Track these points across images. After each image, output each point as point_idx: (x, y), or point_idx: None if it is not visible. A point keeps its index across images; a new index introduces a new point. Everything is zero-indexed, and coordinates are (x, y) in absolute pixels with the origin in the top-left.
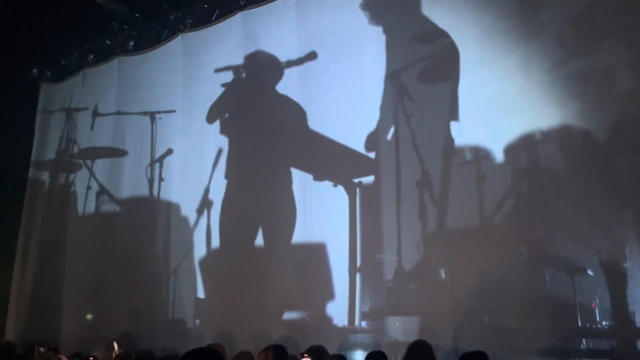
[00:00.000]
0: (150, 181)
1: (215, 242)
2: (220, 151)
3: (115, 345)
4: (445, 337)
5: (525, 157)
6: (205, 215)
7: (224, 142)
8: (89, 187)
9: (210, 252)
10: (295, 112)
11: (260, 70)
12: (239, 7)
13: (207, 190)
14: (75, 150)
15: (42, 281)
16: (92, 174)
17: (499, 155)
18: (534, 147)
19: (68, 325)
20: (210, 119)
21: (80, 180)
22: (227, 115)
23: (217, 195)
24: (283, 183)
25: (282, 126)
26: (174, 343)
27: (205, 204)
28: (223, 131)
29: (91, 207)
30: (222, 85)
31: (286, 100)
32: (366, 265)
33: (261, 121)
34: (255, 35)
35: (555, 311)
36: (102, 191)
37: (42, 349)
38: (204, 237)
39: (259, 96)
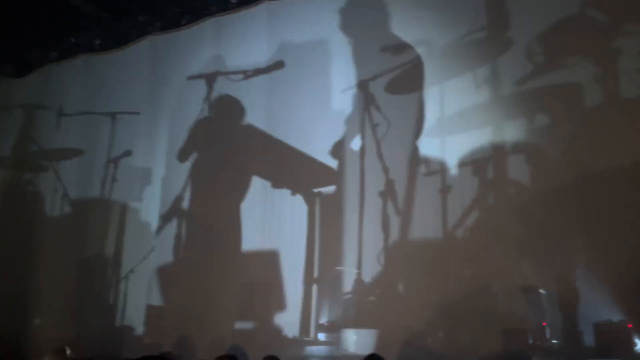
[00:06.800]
0: (104, 183)
1: (177, 250)
2: (196, 160)
3: (68, 350)
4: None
5: (493, 169)
6: (175, 223)
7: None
8: (45, 188)
9: (169, 260)
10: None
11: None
12: (210, 14)
13: (179, 198)
14: (34, 148)
15: None
16: (54, 174)
17: (465, 167)
18: (502, 158)
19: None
20: (182, 158)
21: (36, 180)
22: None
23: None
24: (239, 191)
25: (245, 135)
26: (122, 351)
27: (174, 212)
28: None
29: (42, 207)
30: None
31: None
32: (324, 276)
33: (225, 131)
34: (224, 42)
35: (508, 329)
36: (54, 191)
37: None
38: (166, 244)
39: (225, 109)
